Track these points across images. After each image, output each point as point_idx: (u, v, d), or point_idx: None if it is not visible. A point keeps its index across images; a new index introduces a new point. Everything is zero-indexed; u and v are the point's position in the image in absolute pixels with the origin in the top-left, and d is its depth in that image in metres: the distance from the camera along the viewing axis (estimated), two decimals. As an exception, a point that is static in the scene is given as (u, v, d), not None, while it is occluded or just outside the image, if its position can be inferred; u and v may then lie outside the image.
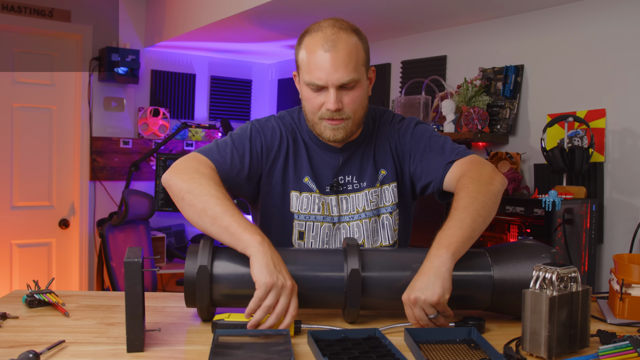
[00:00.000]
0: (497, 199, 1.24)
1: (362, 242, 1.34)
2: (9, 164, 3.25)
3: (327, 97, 1.24)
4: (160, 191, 3.61)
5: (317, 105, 1.26)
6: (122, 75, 3.46)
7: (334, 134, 1.28)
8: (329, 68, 1.21)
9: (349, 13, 2.63)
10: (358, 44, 1.26)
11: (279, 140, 1.34)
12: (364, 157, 1.37)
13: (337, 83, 1.22)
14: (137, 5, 3.67)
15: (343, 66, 1.22)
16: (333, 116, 1.25)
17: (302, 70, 1.27)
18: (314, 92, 1.25)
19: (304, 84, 1.27)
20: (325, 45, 1.22)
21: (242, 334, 1.00)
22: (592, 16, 2.22)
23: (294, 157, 1.35)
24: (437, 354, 0.95)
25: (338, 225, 1.34)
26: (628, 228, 2.08)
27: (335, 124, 1.26)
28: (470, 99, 2.52)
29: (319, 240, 1.34)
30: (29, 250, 3.35)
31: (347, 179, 1.36)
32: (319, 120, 1.28)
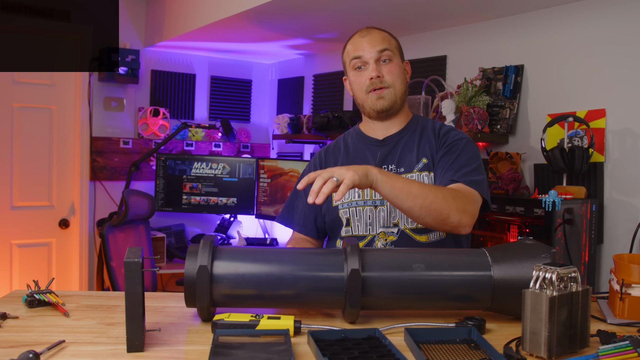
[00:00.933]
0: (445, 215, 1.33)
1: (397, 221, 1.46)
2: (9, 163, 3.25)
3: (368, 70, 1.48)
4: (160, 191, 3.61)
5: (362, 80, 1.49)
6: (122, 75, 3.46)
7: (380, 102, 1.48)
8: (366, 46, 1.48)
9: (349, 13, 2.63)
10: (389, 35, 1.53)
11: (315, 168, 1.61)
12: (404, 148, 1.54)
13: (374, 55, 1.47)
14: (137, 5, 3.67)
15: (378, 42, 1.48)
16: (376, 85, 1.47)
17: (347, 62, 1.54)
18: (358, 72, 1.50)
19: (350, 70, 1.53)
20: (362, 33, 1.52)
21: (242, 334, 1.00)
22: (592, 16, 2.22)
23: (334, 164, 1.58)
24: (437, 354, 0.95)
25: (381, 208, 1.48)
26: (628, 228, 2.08)
27: (380, 92, 1.48)
28: (470, 99, 2.52)
29: (363, 223, 1.49)
30: (29, 250, 3.34)
31: (388, 167, 1.51)
32: (367, 95, 1.50)
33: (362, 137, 1.60)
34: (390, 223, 1.47)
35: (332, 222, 1.55)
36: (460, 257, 1.16)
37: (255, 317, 1.05)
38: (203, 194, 3.63)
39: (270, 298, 1.11)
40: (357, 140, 1.60)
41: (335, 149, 1.63)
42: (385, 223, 1.47)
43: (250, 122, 4.20)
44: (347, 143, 1.62)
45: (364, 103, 1.52)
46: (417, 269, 1.12)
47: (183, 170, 3.62)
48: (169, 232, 3.68)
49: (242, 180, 3.65)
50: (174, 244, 3.69)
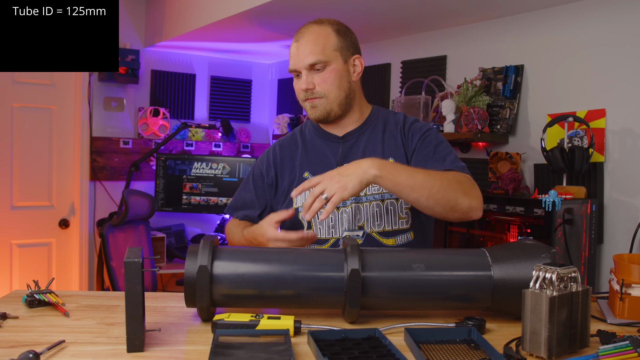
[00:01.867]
0: (454, 201, 1.30)
1: (362, 223, 1.42)
2: (9, 164, 3.25)
3: (299, 81, 1.45)
4: (160, 191, 3.61)
5: (298, 89, 1.46)
6: (122, 75, 3.46)
7: (312, 111, 1.45)
8: (297, 55, 1.43)
9: (349, 13, 2.63)
10: (328, 32, 1.44)
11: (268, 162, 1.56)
12: (367, 145, 1.48)
13: (303, 66, 1.41)
14: (137, 5, 3.67)
15: (308, 51, 1.41)
16: (307, 96, 1.43)
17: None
18: (295, 79, 1.47)
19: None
20: (296, 37, 1.46)
21: (242, 334, 1.00)
22: (592, 16, 2.22)
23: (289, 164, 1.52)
24: (437, 354, 0.95)
25: (343, 209, 1.43)
26: (628, 228, 2.08)
27: (311, 102, 1.44)
28: (470, 99, 2.52)
29: (325, 226, 1.44)
30: (29, 250, 3.34)
31: None
32: (303, 103, 1.46)
33: (320, 132, 1.53)
34: (355, 226, 1.42)
35: (291, 224, 1.47)
36: (460, 257, 1.16)
37: (255, 317, 1.05)
38: (203, 194, 3.63)
39: (270, 298, 1.11)
40: (315, 135, 1.54)
41: (292, 144, 1.56)
42: (349, 226, 1.42)
43: (250, 122, 4.20)
44: (305, 137, 1.55)
45: (304, 109, 1.49)
46: (417, 269, 1.12)
47: (183, 170, 3.62)
48: (169, 232, 3.68)
49: (242, 180, 3.65)
50: (174, 244, 3.69)
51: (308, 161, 1.50)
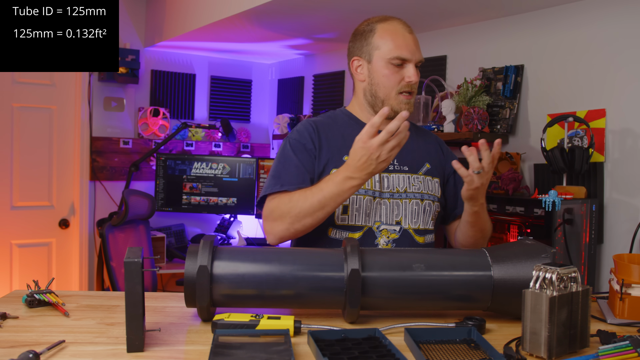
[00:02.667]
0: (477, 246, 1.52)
1: (399, 219, 1.45)
2: (9, 164, 3.25)
3: (408, 72, 1.44)
4: (160, 191, 3.61)
5: (397, 79, 1.44)
6: (122, 75, 3.46)
7: (408, 106, 1.46)
8: (413, 46, 1.45)
9: (349, 13, 2.63)
10: None
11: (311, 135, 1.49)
12: (404, 145, 1.49)
13: (417, 59, 1.45)
14: (137, 5, 3.67)
15: (418, 47, 1.47)
16: (410, 88, 1.45)
17: (384, 49, 1.45)
18: (395, 68, 1.44)
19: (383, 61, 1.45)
20: (406, 28, 1.48)
21: (242, 334, 1.00)
22: (592, 16, 2.22)
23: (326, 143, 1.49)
24: (437, 354, 0.95)
25: (379, 200, 1.46)
26: (628, 228, 2.08)
27: (408, 98, 1.46)
28: (470, 99, 2.52)
29: (362, 212, 1.45)
30: (29, 250, 3.34)
31: None
32: (396, 95, 1.45)
33: (357, 123, 1.52)
34: (392, 220, 1.46)
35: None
36: (460, 257, 1.16)
37: (255, 317, 1.05)
38: (203, 194, 3.63)
39: (270, 298, 1.11)
40: (352, 124, 1.53)
41: (328, 126, 1.53)
42: (387, 220, 1.45)
43: (250, 122, 4.20)
44: (340, 124, 1.54)
45: (387, 100, 1.46)
46: (417, 269, 1.12)
47: (183, 170, 3.62)
48: (169, 232, 3.68)
49: (242, 180, 3.66)
50: (174, 244, 3.69)
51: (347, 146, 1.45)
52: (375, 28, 1.49)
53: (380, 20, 1.50)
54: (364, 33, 1.51)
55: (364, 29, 1.52)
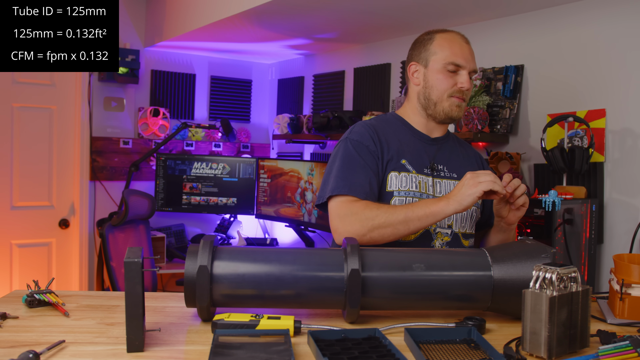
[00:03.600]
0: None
1: (450, 223, 1.51)
2: (8, 164, 3.25)
3: (462, 78, 1.51)
4: (160, 191, 3.61)
5: (450, 83, 1.51)
6: (122, 75, 3.46)
7: (457, 111, 1.53)
8: (468, 55, 1.54)
9: (349, 13, 2.63)
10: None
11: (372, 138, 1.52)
12: (452, 153, 1.61)
13: (471, 68, 1.53)
14: (137, 5, 3.67)
15: (474, 58, 1.56)
16: (463, 95, 1.52)
17: (440, 55, 1.53)
18: (449, 73, 1.52)
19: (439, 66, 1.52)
20: (464, 39, 1.57)
21: (242, 334, 1.00)
22: (592, 16, 2.22)
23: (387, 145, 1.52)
24: (437, 354, 0.95)
25: None
26: (628, 228, 2.08)
27: (460, 101, 1.53)
28: (470, 99, 2.52)
29: None
30: (29, 250, 3.34)
31: (439, 167, 1.56)
32: (448, 98, 1.52)
33: (411, 130, 1.58)
34: (445, 224, 1.51)
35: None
36: (460, 257, 1.16)
37: (255, 317, 1.05)
38: (203, 194, 3.63)
39: (270, 298, 1.11)
40: (404, 129, 1.58)
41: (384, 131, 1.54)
42: (441, 223, 1.50)
43: (250, 122, 4.20)
44: (394, 129, 1.57)
45: (439, 102, 1.53)
46: (417, 269, 1.12)
47: (183, 170, 3.62)
48: (169, 232, 3.68)
49: (242, 180, 3.66)
50: (174, 244, 3.69)
51: (403, 150, 1.53)
52: (435, 37, 1.57)
53: (441, 31, 1.59)
54: (424, 41, 1.59)
55: (424, 37, 1.60)
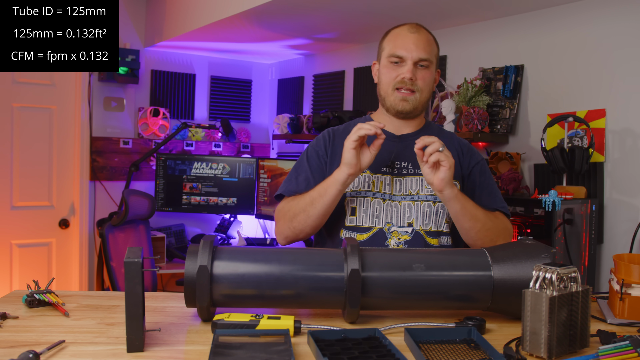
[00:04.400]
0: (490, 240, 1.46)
1: (411, 221, 1.47)
2: (8, 164, 3.25)
3: (403, 69, 1.47)
4: (160, 191, 3.61)
5: (393, 75, 1.48)
6: (122, 75, 3.46)
7: (402, 104, 1.49)
8: (411, 45, 1.47)
9: (349, 13, 2.63)
10: (434, 41, 1.55)
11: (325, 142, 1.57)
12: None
13: (415, 57, 1.46)
14: (137, 5, 3.67)
15: (423, 46, 1.48)
16: (407, 85, 1.47)
17: (386, 49, 1.51)
18: (393, 65, 1.49)
19: (384, 60, 1.51)
20: (411, 29, 1.51)
21: (242, 334, 1.00)
22: (592, 16, 2.22)
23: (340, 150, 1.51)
24: (437, 354, 0.95)
25: (389, 202, 1.49)
26: (628, 228, 2.08)
27: (406, 95, 1.49)
28: (470, 99, 2.52)
29: (369, 214, 1.48)
30: (29, 250, 3.34)
31: (403, 164, 1.52)
32: (393, 91, 1.50)
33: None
34: (404, 222, 1.47)
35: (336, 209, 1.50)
36: (460, 257, 1.16)
37: (255, 317, 1.05)
38: (203, 194, 3.63)
39: (270, 298, 1.11)
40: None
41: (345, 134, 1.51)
42: (398, 222, 1.47)
43: (250, 122, 4.20)
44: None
45: (386, 97, 1.52)
46: (417, 269, 1.12)
47: (183, 170, 3.62)
48: (169, 232, 3.68)
49: (242, 180, 3.66)
50: (174, 244, 3.69)
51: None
52: (388, 33, 1.56)
53: (396, 26, 1.56)
54: (381, 39, 1.58)
55: (382, 35, 1.59)
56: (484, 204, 1.50)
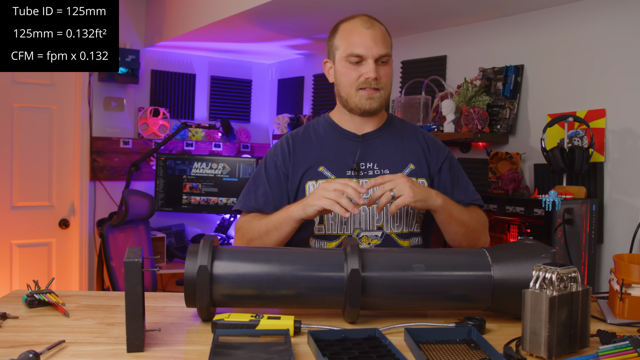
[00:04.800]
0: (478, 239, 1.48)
1: (381, 224, 1.44)
2: (9, 164, 3.25)
3: (366, 68, 1.41)
4: (160, 191, 3.61)
5: (355, 76, 1.42)
6: (122, 75, 3.46)
7: (370, 102, 1.43)
8: (369, 42, 1.41)
9: (349, 13, 2.61)
10: (387, 33, 1.49)
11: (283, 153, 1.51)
12: (386, 147, 1.50)
13: (376, 55, 1.41)
14: (137, 5, 3.67)
15: (381, 42, 1.42)
16: (371, 84, 1.42)
17: (341, 48, 1.45)
18: (353, 65, 1.42)
19: (342, 60, 1.44)
20: (365, 24, 1.45)
21: (242, 334, 1.00)
22: (592, 16, 2.22)
23: (302, 156, 1.48)
24: (437, 354, 0.95)
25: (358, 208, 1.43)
26: (628, 228, 2.08)
27: (371, 93, 1.43)
28: (470, 99, 2.52)
29: (337, 222, 1.44)
30: (29, 250, 3.34)
31: (368, 165, 1.47)
32: (356, 92, 1.44)
33: (337, 129, 1.52)
34: (373, 226, 1.44)
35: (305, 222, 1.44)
36: (460, 257, 1.16)
37: (255, 317, 1.05)
38: (203, 194, 3.63)
39: (270, 298, 1.11)
40: (331, 132, 1.53)
41: (305, 138, 1.53)
42: (367, 226, 1.44)
43: (250, 122, 4.20)
44: (319, 133, 1.53)
45: (349, 98, 1.45)
46: (417, 269, 1.12)
47: (183, 170, 3.62)
48: (169, 232, 3.68)
49: (242, 180, 3.65)
50: (174, 244, 3.69)
51: (323, 155, 1.48)
52: (338, 28, 1.49)
53: (345, 20, 1.50)
54: (331, 35, 1.51)
55: (331, 30, 1.52)
56: (459, 199, 1.48)
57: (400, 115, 2.78)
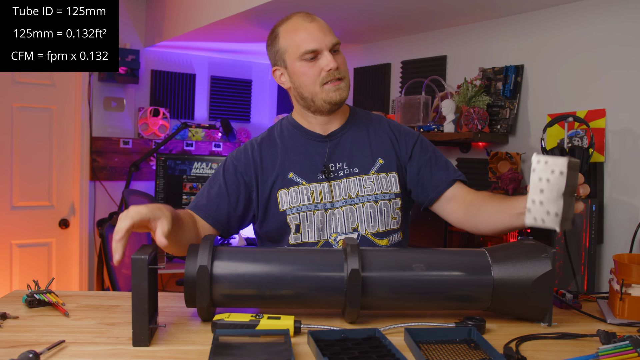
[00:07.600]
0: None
1: (355, 225, 1.40)
2: (9, 164, 3.25)
3: (324, 61, 1.36)
4: (160, 191, 3.61)
5: (316, 72, 1.38)
6: (122, 75, 3.46)
7: (339, 93, 1.39)
8: (318, 34, 1.37)
9: (349, 13, 2.63)
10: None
11: (247, 159, 1.44)
12: (354, 144, 1.45)
13: (329, 44, 1.37)
14: (137, 5, 3.67)
15: (328, 31, 1.39)
16: (334, 75, 1.37)
17: (291, 49, 1.40)
18: (309, 62, 1.38)
19: (296, 61, 1.39)
20: (307, 19, 1.41)
21: (242, 334, 1.00)
22: (592, 16, 2.22)
23: (270, 164, 1.43)
24: (437, 354, 0.95)
25: (332, 211, 1.40)
26: (628, 228, 2.08)
27: (337, 84, 1.38)
28: (470, 99, 2.52)
29: (314, 228, 1.40)
30: (29, 250, 3.34)
31: (337, 166, 1.43)
32: (321, 88, 1.39)
33: (302, 131, 1.47)
34: (349, 228, 1.40)
35: (278, 228, 1.41)
36: (460, 257, 1.16)
37: (255, 317, 1.05)
38: (203, 194, 3.63)
39: (270, 298, 1.11)
40: (296, 134, 1.47)
41: (271, 143, 1.47)
42: (343, 229, 1.40)
43: (250, 122, 4.20)
44: (284, 136, 1.48)
45: (315, 96, 1.40)
46: (417, 269, 1.12)
47: (183, 170, 3.62)
48: (169, 232, 3.68)
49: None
50: (174, 244, 3.69)
51: (290, 161, 1.43)
52: (278, 32, 1.44)
53: (281, 23, 1.45)
54: (272, 42, 1.45)
55: (271, 37, 1.46)
56: (441, 179, 1.43)
57: (400, 116, 2.78)
